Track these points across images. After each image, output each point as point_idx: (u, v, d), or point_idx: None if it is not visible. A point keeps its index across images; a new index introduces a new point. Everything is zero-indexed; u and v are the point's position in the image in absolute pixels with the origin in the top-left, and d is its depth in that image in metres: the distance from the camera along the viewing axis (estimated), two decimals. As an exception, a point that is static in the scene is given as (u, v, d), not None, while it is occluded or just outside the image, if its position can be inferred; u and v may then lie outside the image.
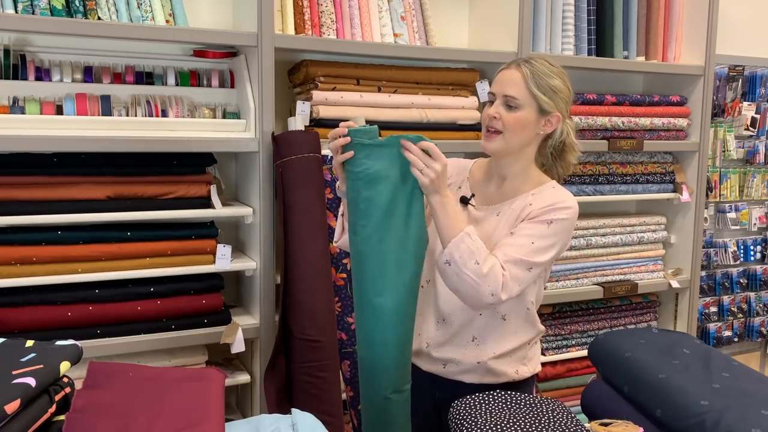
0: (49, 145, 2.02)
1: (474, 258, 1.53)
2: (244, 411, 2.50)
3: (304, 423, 1.35)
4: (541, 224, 1.63)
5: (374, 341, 1.57)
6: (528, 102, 1.64)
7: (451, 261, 1.55)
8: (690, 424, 1.50)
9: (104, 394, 1.25)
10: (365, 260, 1.56)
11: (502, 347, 1.73)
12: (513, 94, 1.64)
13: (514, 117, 1.65)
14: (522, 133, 1.66)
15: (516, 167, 1.72)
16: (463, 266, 1.53)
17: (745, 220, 3.59)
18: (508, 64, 1.71)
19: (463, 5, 2.91)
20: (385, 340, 1.56)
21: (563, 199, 1.68)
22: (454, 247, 1.54)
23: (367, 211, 1.54)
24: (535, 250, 1.61)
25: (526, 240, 1.61)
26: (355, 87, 2.45)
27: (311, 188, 2.20)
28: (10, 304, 2.04)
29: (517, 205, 1.69)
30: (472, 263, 1.53)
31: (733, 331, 3.61)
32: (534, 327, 1.78)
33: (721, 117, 3.43)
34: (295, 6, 2.34)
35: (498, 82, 1.69)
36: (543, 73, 1.65)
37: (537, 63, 1.67)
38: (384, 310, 1.55)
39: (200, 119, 2.31)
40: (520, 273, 1.59)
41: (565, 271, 2.92)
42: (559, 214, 1.64)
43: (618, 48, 2.92)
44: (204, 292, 2.27)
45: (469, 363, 1.73)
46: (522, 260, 1.59)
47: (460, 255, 1.54)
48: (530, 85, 1.64)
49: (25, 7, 2.00)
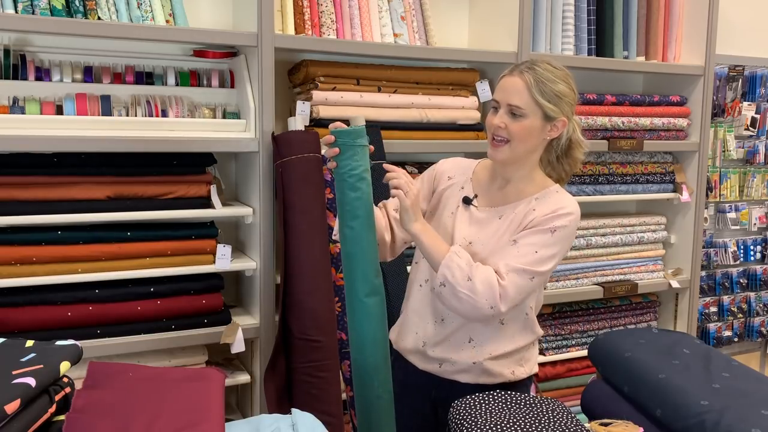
0: (49, 145, 2.02)
1: (465, 275, 1.57)
2: (244, 411, 2.50)
3: (304, 423, 1.35)
4: (545, 233, 1.63)
5: (365, 341, 1.58)
6: (533, 110, 1.62)
7: (446, 282, 1.59)
8: (690, 424, 1.50)
9: (104, 394, 1.25)
10: (354, 261, 1.58)
11: (499, 349, 1.72)
12: (517, 104, 1.62)
13: (520, 126, 1.63)
14: (528, 141, 1.65)
15: (521, 172, 1.72)
16: (457, 285, 1.57)
17: (745, 220, 3.59)
18: (511, 70, 1.67)
19: (463, 5, 2.91)
20: (375, 340, 1.59)
21: (565, 204, 1.67)
22: (445, 269, 1.58)
23: (353, 213, 1.56)
24: (539, 260, 1.61)
25: (529, 249, 1.62)
26: (355, 87, 2.45)
27: (311, 188, 2.20)
28: (10, 304, 2.04)
29: (520, 210, 1.69)
30: (464, 280, 1.56)
31: (733, 331, 3.61)
32: (532, 332, 1.78)
33: (721, 117, 3.43)
34: (295, 6, 2.34)
35: (501, 90, 1.67)
36: (547, 79, 1.62)
37: (540, 68, 1.63)
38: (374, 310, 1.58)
39: (200, 119, 2.31)
40: (522, 282, 1.60)
41: (565, 271, 2.92)
42: (561, 221, 1.64)
43: (618, 48, 2.92)
44: (204, 292, 2.27)
45: (465, 363, 1.73)
46: (525, 270, 1.60)
47: (452, 275, 1.57)
48: (534, 93, 1.61)
49: (25, 7, 2.00)
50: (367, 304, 1.57)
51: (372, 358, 1.59)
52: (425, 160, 2.65)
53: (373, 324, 1.58)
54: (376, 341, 1.59)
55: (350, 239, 1.57)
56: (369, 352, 1.59)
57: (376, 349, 1.59)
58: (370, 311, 1.58)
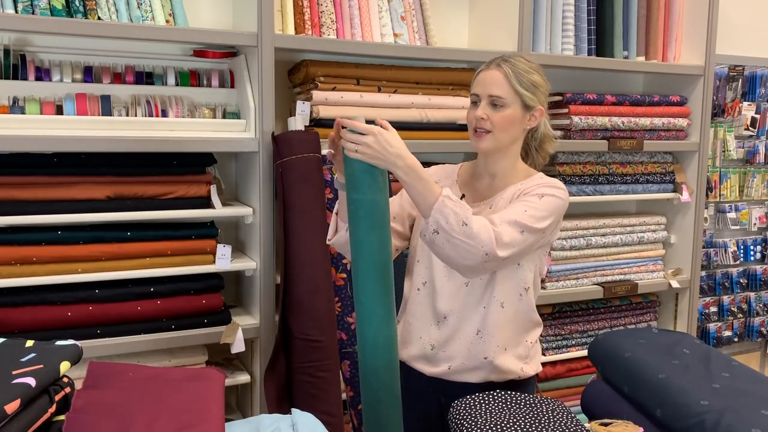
0: (49, 145, 2.02)
1: (460, 220, 1.50)
2: (244, 411, 2.50)
3: (304, 423, 1.35)
4: (533, 197, 1.66)
5: (366, 343, 1.56)
6: (513, 99, 1.69)
7: (439, 229, 1.50)
8: (690, 424, 1.50)
9: (104, 394, 1.25)
10: (358, 262, 1.55)
11: (505, 337, 1.73)
12: (498, 94, 1.68)
13: (502, 116, 1.68)
14: (510, 130, 1.71)
15: (504, 163, 1.76)
16: (451, 231, 1.50)
17: (745, 220, 3.59)
18: (487, 65, 1.74)
19: (463, 5, 2.91)
20: (375, 343, 1.55)
21: (552, 182, 1.72)
22: (438, 214, 1.50)
23: (355, 213, 1.53)
24: (528, 216, 1.61)
25: (519, 207, 1.63)
26: (355, 87, 2.45)
27: (311, 188, 2.20)
28: (10, 304, 2.04)
29: (508, 194, 1.73)
30: (459, 225, 1.50)
31: (733, 331, 3.61)
32: (529, 315, 1.77)
33: (721, 117, 3.43)
34: (295, 6, 2.34)
35: (480, 84, 1.72)
36: (523, 70, 1.69)
37: (515, 61, 1.71)
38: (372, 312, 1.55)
39: (200, 119, 2.31)
40: (513, 232, 1.58)
41: (565, 271, 2.92)
42: (550, 190, 1.68)
43: (618, 48, 2.92)
44: (204, 292, 2.27)
45: (476, 360, 1.73)
46: (516, 221, 1.59)
47: (446, 220, 1.50)
48: (513, 82, 1.68)
49: (25, 7, 2.00)
50: (366, 305, 1.54)
51: (371, 360, 1.56)
52: (425, 160, 2.63)
53: (372, 326, 1.54)
54: (376, 345, 1.55)
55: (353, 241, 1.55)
56: (369, 354, 1.56)
57: (376, 352, 1.55)
58: (368, 313, 1.54)
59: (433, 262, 1.75)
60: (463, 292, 1.72)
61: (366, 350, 1.56)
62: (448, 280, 1.74)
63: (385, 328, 1.56)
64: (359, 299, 1.55)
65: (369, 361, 1.56)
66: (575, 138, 2.85)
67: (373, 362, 1.56)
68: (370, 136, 1.48)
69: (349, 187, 1.54)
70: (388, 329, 1.56)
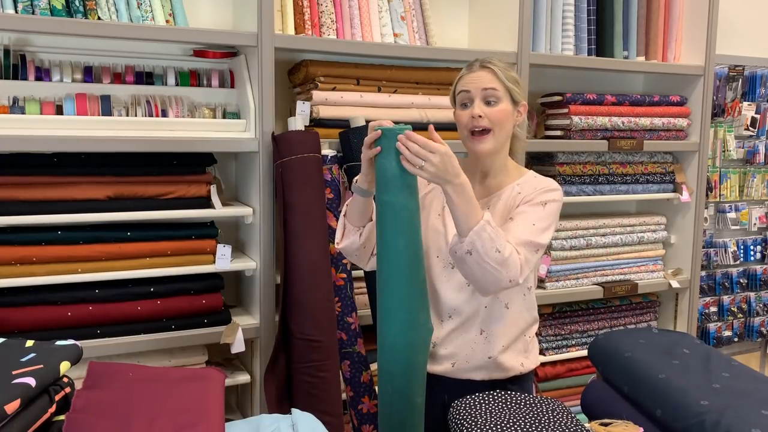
0: (49, 145, 2.02)
1: (495, 246, 1.52)
2: (244, 411, 2.50)
3: (304, 423, 1.35)
4: (537, 206, 1.67)
5: (384, 345, 1.55)
6: (504, 94, 1.71)
7: (473, 251, 1.52)
8: (690, 424, 1.50)
9: (104, 394, 1.25)
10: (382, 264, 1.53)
11: (508, 336, 1.74)
12: (493, 86, 1.69)
13: (498, 110, 1.69)
14: (506, 126, 1.72)
15: (497, 162, 1.76)
16: (485, 255, 1.52)
17: (745, 220, 3.59)
18: (469, 68, 1.75)
19: (463, 5, 2.91)
20: (393, 348, 1.53)
21: (548, 183, 1.74)
22: (476, 237, 1.52)
23: (382, 215, 1.51)
24: (538, 232, 1.64)
25: (527, 222, 1.64)
26: (355, 87, 2.45)
27: (311, 188, 2.20)
28: (10, 304, 2.04)
29: (506, 196, 1.73)
30: (493, 252, 1.52)
31: (733, 331, 3.61)
32: (531, 313, 1.80)
33: (721, 117, 3.43)
34: (295, 6, 2.34)
35: (471, 82, 1.72)
36: (504, 68, 1.73)
37: (494, 60, 1.74)
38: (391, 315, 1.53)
39: (200, 119, 2.31)
40: (529, 255, 1.61)
41: (565, 271, 2.92)
42: (550, 195, 1.70)
43: (618, 48, 2.92)
44: (204, 292, 2.27)
45: (480, 359, 1.73)
46: (531, 242, 1.61)
47: (482, 244, 1.52)
48: (501, 77, 1.70)
49: (25, 7, 2.00)
50: (387, 308, 1.52)
51: (387, 365, 1.54)
52: (425, 160, 2.65)
53: (392, 330, 1.52)
54: (394, 349, 1.53)
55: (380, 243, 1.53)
56: (385, 358, 1.54)
57: (393, 357, 1.53)
58: (389, 317, 1.52)
59: (432, 263, 1.75)
60: (464, 292, 1.73)
61: (383, 353, 1.55)
62: (447, 280, 1.74)
63: (406, 333, 1.53)
64: (380, 301, 1.53)
65: (385, 365, 1.55)
66: (575, 138, 2.85)
67: (388, 366, 1.54)
68: (437, 155, 1.49)
69: (379, 189, 1.52)
70: (411, 335, 1.54)
